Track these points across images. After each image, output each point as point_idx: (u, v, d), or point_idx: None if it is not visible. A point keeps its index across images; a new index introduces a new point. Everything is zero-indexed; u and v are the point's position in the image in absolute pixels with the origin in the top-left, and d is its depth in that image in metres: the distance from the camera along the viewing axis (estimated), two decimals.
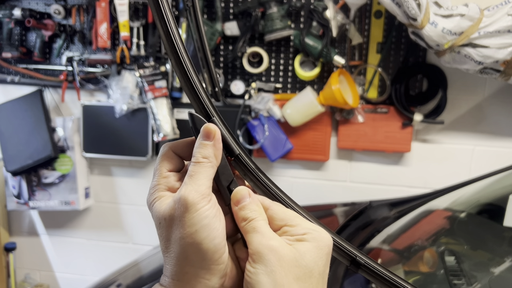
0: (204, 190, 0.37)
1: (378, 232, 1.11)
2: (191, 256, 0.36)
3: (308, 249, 0.37)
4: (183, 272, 0.36)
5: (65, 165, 1.93)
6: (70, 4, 1.83)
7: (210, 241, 0.36)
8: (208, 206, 0.36)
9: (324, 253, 0.38)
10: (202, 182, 0.37)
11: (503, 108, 1.65)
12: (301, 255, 0.36)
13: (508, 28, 1.27)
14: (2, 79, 1.94)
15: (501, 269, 0.83)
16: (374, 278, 0.43)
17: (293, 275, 0.35)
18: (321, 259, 0.37)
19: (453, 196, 1.24)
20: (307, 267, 0.36)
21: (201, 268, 0.36)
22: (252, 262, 0.36)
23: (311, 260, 0.36)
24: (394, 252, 1.03)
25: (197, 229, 0.35)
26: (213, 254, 0.36)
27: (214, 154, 0.39)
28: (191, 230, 0.35)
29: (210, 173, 0.38)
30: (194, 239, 0.35)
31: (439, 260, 0.90)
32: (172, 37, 0.38)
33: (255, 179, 0.42)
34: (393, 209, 1.28)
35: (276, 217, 0.39)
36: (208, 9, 1.72)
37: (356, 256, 0.42)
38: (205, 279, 0.36)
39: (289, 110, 1.67)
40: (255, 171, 0.42)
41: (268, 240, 0.36)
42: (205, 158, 0.38)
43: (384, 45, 1.64)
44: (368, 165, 1.79)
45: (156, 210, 0.38)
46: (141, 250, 1.95)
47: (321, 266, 0.37)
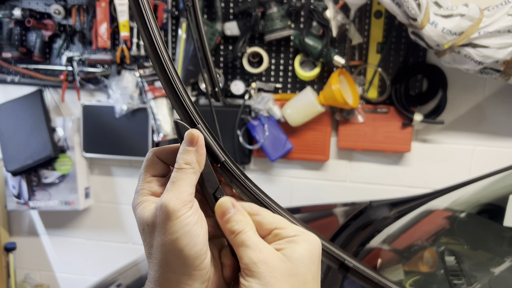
0: (185, 197, 0.37)
1: (378, 232, 1.11)
2: (173, 263, 0.36)
3: (301, 255, 0.37)
4: (165, 278, 0.36)
5: (65, 165, 1.93)
6: (70, 4, 1.83)
7: (191, 247, 0.36)
8: (190, 213, 0.36)
9: (316, 255, 0.38)
10: (183, 189, 0.37)
11: (503, 108, 1.65)
12: (293, 263, 0.36)
13: (508, 28, 1.27)
14: (2, 79, 1.94)
15: (501, 269, 0.83)
16: (363, 281, 0.43)
17: (288, 284, 0.35)
18: (314, 263, 0.37)
19: (453, 196, 1.24)
20: (300, 274, 0.36)
21: (183, 274, 0.36)
22: (246, 276, 0.36)
23: (304, 266, 0.36)
24: (394, 252, 1.03)
25: (178, 236, 0.35)
26: (194, 260, 0.36)
27: (197, 160, 0.39)
28: (172, 238, 0.35)
29: (192, 180, 0.38)
30: (175, 246, 0.35)
31: (439, 260, 0.90)
32: (155, 45, 0.38)
33: (241, 186, 0.42)
34: (393, 209, 1.28)
35: (265, 222, 0.39)
36: (208, 9, 1.72)
37: (344, 260, 0.42)
38: (187, 285, 0.36)
39: (289, 110, 1.67)
40: (241, 177, 0.42)
41: (258, 254, 0.36)
42: (188, 164, 0.38)
43: (384, 45, 1.64)
44: (368, 165, 1.79)
45: (139, 215, 0.38)
46: (141, 250, 1.94)
47: (314, 271, 0.37)
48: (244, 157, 1.78)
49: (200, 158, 0.39)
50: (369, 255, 0.99)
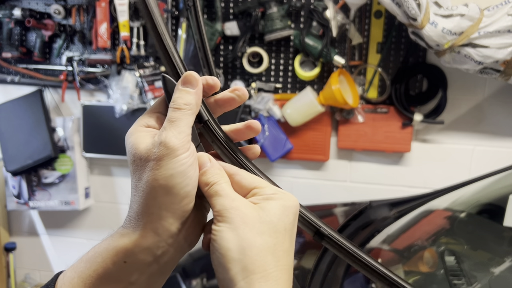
0: (184, 138, 0.37)
1: (378, 232, 1.11)
2: (160, 198, 0.36)
3: (273, 206, 0.37)
4: (149, 212, 0.37)
5: (65, 165, 1.93)
6: (70, 4, 1.83)
7: (182, 187, 0.36)
8: (187, 154, 0.37)
9: (291, 212, 0.38)
10: (182, 129, 0.37)
11: (503, 108, 1.65)
12: (264, 212, 0.37)
13: (508, 28, 1.27)
14: (2, 79, 1.94)
15: (501, 269, 0.83)
16: (336, 250, 0.43)
17: (257, 230, 0.36)
18: (287, 216, 0.38)
19: (453, 196, 1.24)
20: (271, 222, 0.37)
21: (167, 211, 0.37)
22: (217, 222, 0.36)
23: (275, 216, 0.37)
24: (394, 252, 1.03)
25: (172, 174, 0.36)
26: (181, 200, 0.37)
27: (196, 102, 0.39)
28: (167, 174, 0.36)
29: (190, 121, 0.38)
30: (167, 182, 0.36)
31: (439, 260, 0.90)
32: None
33: (222, 147, 0.42)
34: (393, 209, 1.28)
35: (244, 182, 0.40)
36: (208, 9, 1.72)
37: (320, 227, 0.43)
38: (168, 222, 0.37)
39: (289, 110, 1.67)
40: (223, 138, 0.42)
41: (231, 201, 0.37)
42: (187, 105, 0.38)
43: (384, 45, 1.64)
44: (368, 165, 1.79)
45: (132, 145, 0.38)
46: None
47: (287, 223, 0.38)
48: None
49: (199, 102, 0.39)
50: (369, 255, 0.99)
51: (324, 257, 0.95)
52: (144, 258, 0.37)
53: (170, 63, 0.40)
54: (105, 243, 0.38)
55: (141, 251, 0.37)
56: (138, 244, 0.37)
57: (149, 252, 0.37)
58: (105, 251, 0.38)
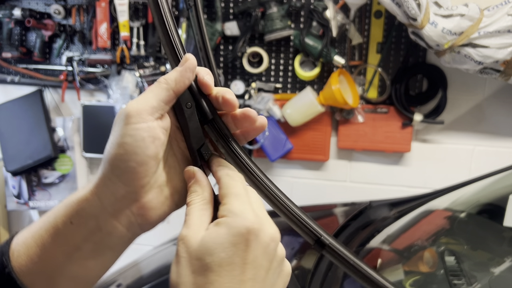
0: (144, 107, 0.36)
1: (378, 232, 1.11)
2: (107, 164, 0.36)
3: (212, 238, 0.34)
4: (99, 175, 0.37)
5: (65, 165, 1.93)
6: (70, 4, 1.83)
7: (125, 160, 0.35)
8: (141, 126, 0.36)
9: (235, 242, 0.33)
10: (147, 99, 0.36)
11: (503, 108, 1.65)
12: (204, 246, 0.33)
13: (508, 28, 1.27)
14: (2, 79, 1.94)
15: (501, 269, 0.83)
16: (338, 260, 0.42)
17: (192, 268, 0.34)
18: (225, 250, 0.33)
19: (453, 196, 1.24)
20: (203, 260, 0.33)
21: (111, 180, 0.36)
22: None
23: (208, 251, 0.33)
24: (394, 252, 1.03)
25: (118, 143, 0.35)
26: (122, 173, 0.36)
27: (175, 78, 0.38)
28: (115, 141, 0.36)
29: (160, 94, 0.37)
30: (114, 150, 0.36)
31: (439, 260, 0.90)
32: None
33: (226, 147, 0.41)
34: (393, 209, 1.28)
35: (221, 192, 0.38)
36: (208, 9, 1.72)
37: (320, 236, 0.41)
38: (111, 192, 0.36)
39: (289, 110, 1.67)
40: (228, 138, 0.41)
41: (185, 229, 0.35)
42: (165, 79, 0.38)
43: (384, 45, 1.64)
44: (368, 165, 1.79)
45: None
46: (141, 250, 1.94)
47: (223, 258, 0.33)
48: None
49: (181, 79, 0.38)
50: (369, 255, 0.99)
51: (324, 257, 0.95)
52: (87, 222, 0.36)
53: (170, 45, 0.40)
54: (62, 202, 0.38)
55: (85, 214, 0.36)
56: (83, 206, 0.37)
57: (92, 216, 0.36)
58: (58, 209, 0.38)
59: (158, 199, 0.39)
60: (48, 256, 0.37)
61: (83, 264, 0.38)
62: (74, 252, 0.37)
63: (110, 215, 0.37)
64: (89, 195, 0.37)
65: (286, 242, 1.10)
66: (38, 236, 0.37)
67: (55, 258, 0.37)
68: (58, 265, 0.37)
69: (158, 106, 0.37)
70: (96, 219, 0.37)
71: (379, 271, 0.93)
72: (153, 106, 0.36)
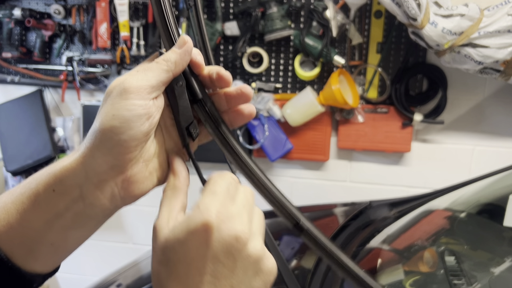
0: (144, 85, 0.36)
1: (378, 232, 1.11)
2: (96, 134, 0.36)
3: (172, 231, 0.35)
4: (85, 145, 0.37)
5: None
6: (70, 4, 1.83)
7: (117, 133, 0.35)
8: (139, 103, 0.36)
9: (192, 236, 0.34)
10: (148, 78, 0.37)
11: (503, 108, 1.65)
12: (165, 238, 0.35)
13: (508, 28, 1.27)
14: (2, 79, 1.94)
15: (501, 269, 0.83)
16: (315, 246, 0.42)
17: (157, 257, 0.35)
18: (182, 243, 0.34)
19: (453, 196, 1.24)
20: (165, 253, 0.35)
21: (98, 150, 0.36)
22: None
23: (168, 244, 0.34)
24: (394, 252, 1.03)
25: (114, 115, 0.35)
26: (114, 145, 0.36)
27: (176, 60, 0.38)
28: (109, 113, 0.36)
29: (160, 75, 0.38)
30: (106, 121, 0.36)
31: (439, 260, 0.90)
32: None
33: (214, 128, 0.41)
34: (393, 209, 1.28)
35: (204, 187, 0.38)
36: (208, 9, 1.72)
37: (299, 220, 0.41)
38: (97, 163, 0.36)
39: (289, 110, 1.67)
40: (216, 119, 0.41)
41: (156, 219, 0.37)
42: (165, 61, 0.38)
43: (384, 45, 1.64)
44: (368, 165, 1.79)
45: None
46: (141, 250, 1.94)
47: (180, 251, 0.34)
48: None
49: (180, 62, 0.38)
50: (369, 255, 0.99)
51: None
52: (70, 191, 0.37)
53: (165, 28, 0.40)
54: (45, 169, 0.38)
55: (69, 183, 0.36)
56: (67, 175, 0.37)
57: (76, 186, 0.36)
58: (41, 176, 0.38)
59: (143, 173, 0.39)
60: (28, 223, 0.37)
61: (63, 233, 0.38)
62: (55, 220, 0.37)
63: (94, 186, 0.37)
64: (75, 164, 0.37)
65: (286, 242, 1.10)
66: (19, 202, 0.37)
67: (35, 225, 0.37)
68: (38, 233, 0.37)
69: (157, 86, 0.37)
70: (79, 189, 0.37)
71: (379, 271, 0.93)
72: (152, 86, 0.37)
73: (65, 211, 0.37)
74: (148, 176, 0.40)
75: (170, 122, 0.41)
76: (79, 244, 0.40)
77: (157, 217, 0.37)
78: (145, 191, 0.40)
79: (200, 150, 0.47)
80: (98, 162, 0.36)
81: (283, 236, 1.14)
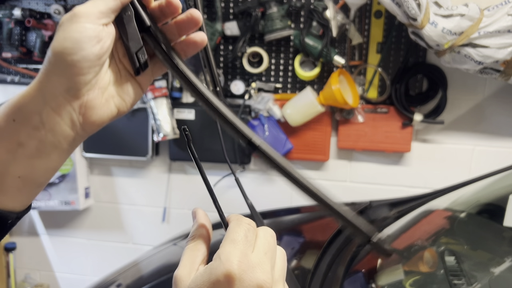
0: (93, 10, 0.38)
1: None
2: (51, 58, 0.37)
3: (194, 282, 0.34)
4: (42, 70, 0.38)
5: (65, 165, 1.93)
6: (70, 4, 1.83)
7: (70, 54, 0.37)
8: (89, 26, 0.37)
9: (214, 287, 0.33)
10: (96, 4, 0.39)
11: (503, 108, 1.65)
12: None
13: (508, 28, 1.27)
14: (2, 79, 1.94)
15: (501, 269, 0.83)
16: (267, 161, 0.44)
17: None
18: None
19: (453, 196, 1.24)
20: None
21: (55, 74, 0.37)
22: None
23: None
24: (394, 252, 1.03)
25: (65, 37, 0.37)
26: (68, 67, 0.37)
27: None
28: (61, 36, 0.37)
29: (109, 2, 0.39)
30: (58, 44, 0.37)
31: (439, 260, 0.90)
32: None
33: (163, 53, 0.42)
34: (393, 209, 1.28)
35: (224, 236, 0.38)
36: (208, 9, 1.72)
37: (251, 138, 0.43)
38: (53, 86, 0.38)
39: (289, 110, 1.67)
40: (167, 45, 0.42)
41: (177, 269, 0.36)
42: None
43: (384, 45, 1.64)
44: (368, 165, 1.79)
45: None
46: (141, 250, 1.94)
47: None
48: (244, 157, 1.78)
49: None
50: (369, 255, 0.99)
51: (324, 257, 0.95)
52: (30, 118, 0.37)
53: None
54: (4, 103, 0.39)
55: (28, 110, 0.37)
56: (25, 102, 0.38)
57: (35, 112, 0.37)
58: (3, 107, 0.38)
59: (99, 99, 0.40)
60: None
61: (28, 163, 0.38)
62: (18, 149, 0.37)
63: (52, 110, 0.38)
64: (32, 90, 0.38)
65: (286, 242, 1.10)
66: None
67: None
68: (3, 164, 0.37)
69: (106, 12, 0.39)
70: (39, 115, 0.37)
71: (379, 271, 0.93)
72: (101, 11, 0.39)
73: (27, 139, 0.37)
74: (105, 103, 0.41)
75: (123, 53, 0.43)
76: (47, 176, 0.40)
77: (178, 267, 0.36)
78: (103, 118, 0.42)
79: (200, 150, 0.47)
80: (54, 85, 0.37)
81: (283, 236, 1.14)
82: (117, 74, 0.43)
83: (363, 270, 0.92)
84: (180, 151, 1.68)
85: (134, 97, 0.44)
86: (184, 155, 1.68)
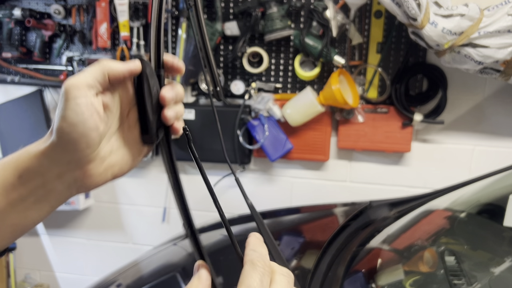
0: (81, 83, 0.40)
1: (378, 232, 1.11)
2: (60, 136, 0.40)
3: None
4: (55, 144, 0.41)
5: None
6: (70, 4, 1.83)
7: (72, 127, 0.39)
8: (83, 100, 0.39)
9: None
10: (85, 76, 0.40)
11: (503, 108, 1.65)
12: None
13: (508, 28, 1.27)
14: (2, 79, 1.94)
15: (501, 269, 0.83)
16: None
17: None
18: None
19: (453, 196, 1.24)
20: None
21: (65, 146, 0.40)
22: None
23: None
24: (394, 252, 1.03)
25: (66, 115, 0.39)
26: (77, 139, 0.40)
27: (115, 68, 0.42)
28: (61, 113, 0.40)
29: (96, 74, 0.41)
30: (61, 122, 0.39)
31: (439, 260, 0.90)
32: None
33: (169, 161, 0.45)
34: (393, 209, 1.28)
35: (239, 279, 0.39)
36: (208, 9, 1.72)
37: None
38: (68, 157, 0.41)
39: (289, 110, 1.67)
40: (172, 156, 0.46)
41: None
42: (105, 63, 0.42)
43: (384, 45, 1.64)
44: (368, 165, 1.79)
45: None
46: (141, 250, 1.94)
47: None
48: (244, 157, 1.78)
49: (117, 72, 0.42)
50: (369, 255, 0.99)
51: (324, 257, 0.95)
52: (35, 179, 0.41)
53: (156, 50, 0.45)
54: (11, 156, 0.42)
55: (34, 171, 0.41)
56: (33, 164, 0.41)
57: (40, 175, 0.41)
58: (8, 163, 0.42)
59: (98, 169, 0.43)
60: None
61: (24, 214, 0.42)
62: (18, 203, 0.41)
63: (55, 176, 0.41)
64: (40, 155, 0.41)
65: (286, 242, 1.10)
66: None
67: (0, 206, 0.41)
68: (1, 213, 0.41)
69: (93, 84, 0.41)
70: (42, 177, 0.41)
71: (379, 271, 0.93)
72: (88, 83, 0.40)
73: (28, 195, 0.41)
74: (103, 171, 0.44)
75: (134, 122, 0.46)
76: (36, 223, 0.44)
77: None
78: (99, 184, 0.45)
79: (200, 150, 0.48)
80: (59, 157, 0.41)
81: (283, 236, 1.14)
82: (121, 142, 0.46)
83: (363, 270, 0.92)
84: (180, 151, 1.68)
85: (132, 165, 0.47)
86: (184, 155, 1.68)
